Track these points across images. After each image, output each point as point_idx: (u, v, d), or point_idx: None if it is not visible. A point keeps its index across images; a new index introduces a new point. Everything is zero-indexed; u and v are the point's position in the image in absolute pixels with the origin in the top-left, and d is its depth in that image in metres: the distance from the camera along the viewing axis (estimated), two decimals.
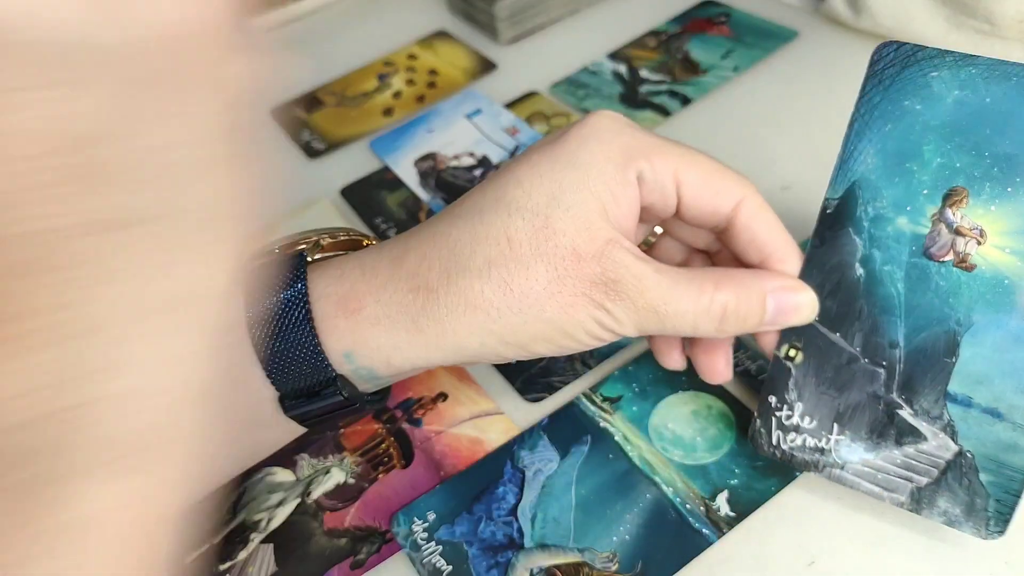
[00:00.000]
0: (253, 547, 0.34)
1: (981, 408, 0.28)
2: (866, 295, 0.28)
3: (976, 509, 0.28)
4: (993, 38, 0.48)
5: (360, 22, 0.69)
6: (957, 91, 0.26)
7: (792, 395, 0.30)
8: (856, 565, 0.30)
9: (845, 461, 0.30)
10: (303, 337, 0.28)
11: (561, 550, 0.32)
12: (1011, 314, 0.27)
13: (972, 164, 0.26)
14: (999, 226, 0.26)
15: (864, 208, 0.28)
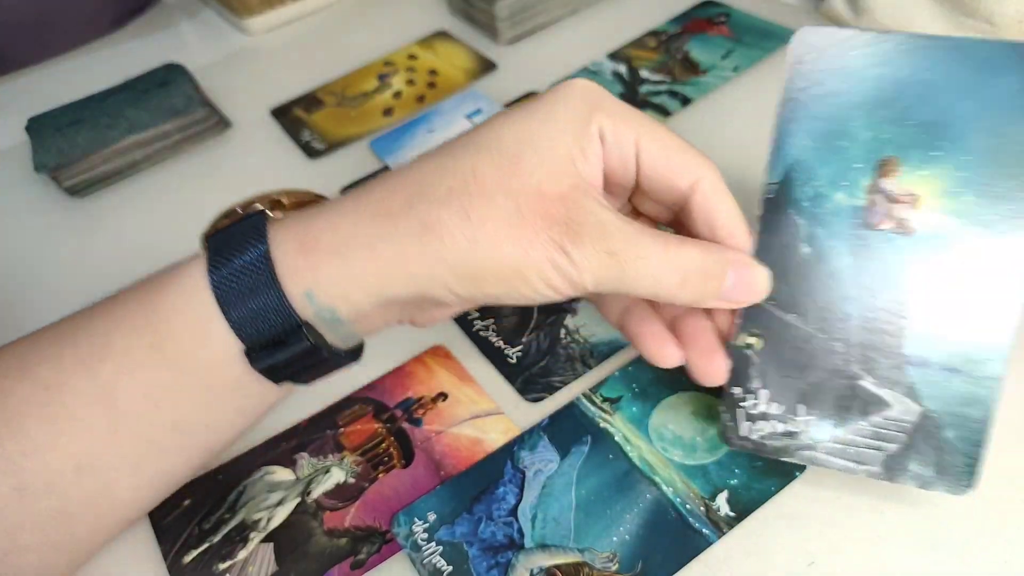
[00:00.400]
0: (253, 546, 0.34)
1: (938, 366, 0.28)
2: (815, 272, 0.29)
3: (946, 467, 0.29)
4: None
5: (360, 22, 0.69)
6: (876, 67, 0.27)
7: (756, 383, 0.30)
8: (856, 565, 0.30)
9: (816, 441, 0.30)
10: (262, 281, 0.29)
11: (561, 550, 0.32)
12: (951, 271, 0.28)
13: (898, 134, 0.27)
14: (930, 189, 0.28)
15: (802, 189, 0.29)
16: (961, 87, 0.27)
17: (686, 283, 0.28)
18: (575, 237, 0.27)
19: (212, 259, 0.29)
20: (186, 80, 0.58)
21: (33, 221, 0.54)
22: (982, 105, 0.27)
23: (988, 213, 0.27)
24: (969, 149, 0.27)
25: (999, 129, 0.27)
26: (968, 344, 0.28)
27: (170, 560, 0.34)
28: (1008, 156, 0.27)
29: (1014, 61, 0.26)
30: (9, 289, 0.49)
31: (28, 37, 0.66)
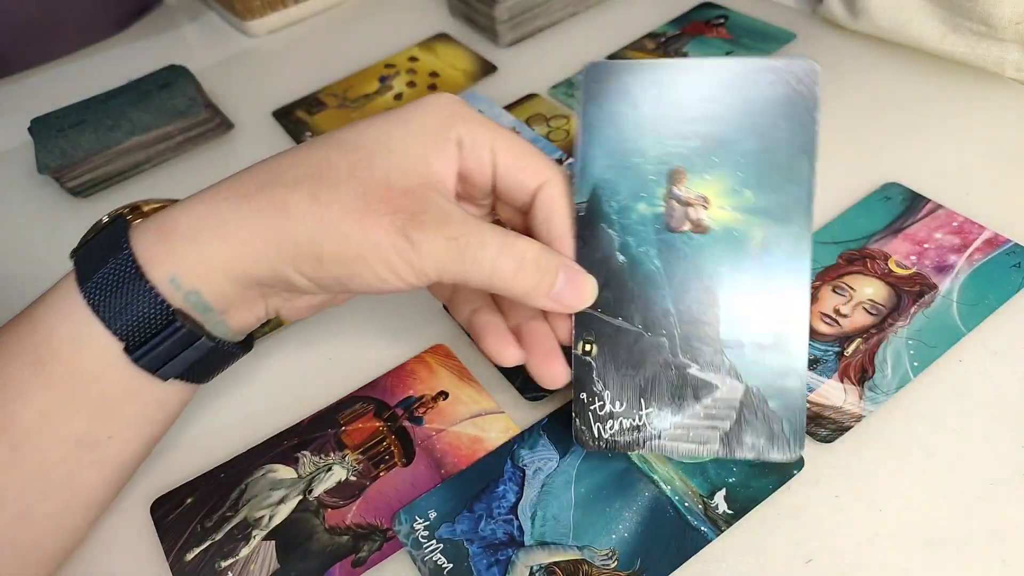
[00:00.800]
0: (255, 544, 0.34)
1: (751, 345, 0.32)
2: (632, 276, 0.32)
3: (775, 434, 0.32)
4: (989, 40, 0.48)
5: (361, 24, 0.69)
6: (652, 90, 0.31)
7: (599, 386, 0.33)
8: (853, 563, 0.31)
9: (660, 430, 0.33)
10: (127, 275, 0.29)
11: (561, 548, 0.32)
12: (747, 259, 0.31)
13: (681, 146, 0.31)
14: (716, 189, 0.31)
15: (609, 204, 0.32)
16: (727, 99, 0.31)
17: (521, 271, 0.30)
18: (417, 223, 0.29)
19: (79, 269, 0.30)
20: (189, 82, 0.59)
21: (36, 222, 0.54)
22: (746, 113, 0.31)
23: (766, 204, 0.31)
24: (741, 152, 0.31)
25: (763, 131, 0.31)
26: (772, 322, 0.32)
27: (172, 558, 0.34)
28: (773, 154, 0.31)
29: (765, 75, 0.30)
30: (12, 290, 0.49)
31: (31, 39, 0.66)
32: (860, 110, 0.50)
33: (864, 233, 0.42)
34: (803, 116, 0.30)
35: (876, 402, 0.35)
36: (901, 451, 0.33)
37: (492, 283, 0.30)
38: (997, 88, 0.50)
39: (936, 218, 0.42)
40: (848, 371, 0.36)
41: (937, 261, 0.40)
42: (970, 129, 0.47)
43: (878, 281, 0.40)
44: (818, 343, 0.38)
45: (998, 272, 0.39)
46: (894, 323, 0.38)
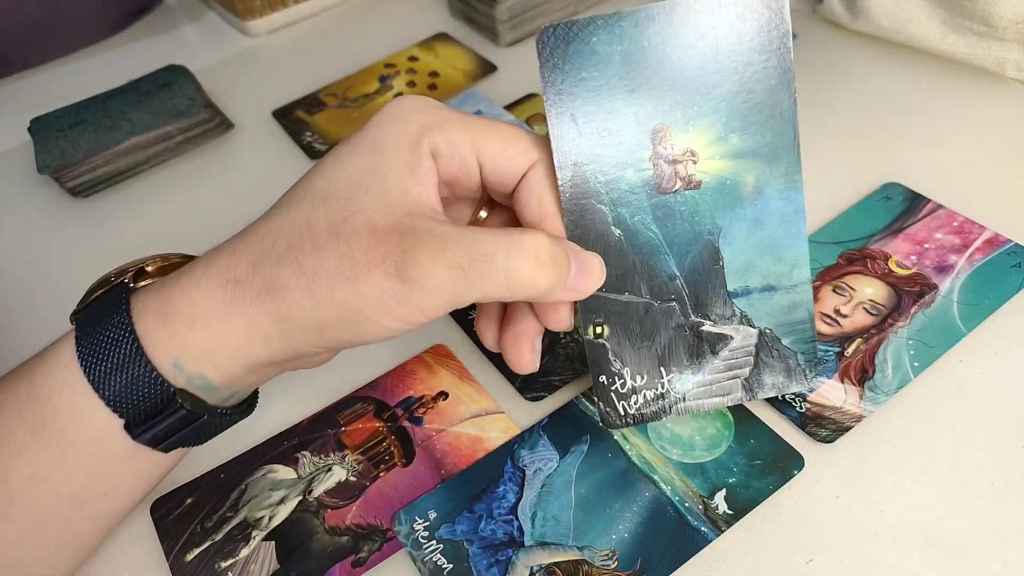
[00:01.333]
0: (255, 545, 0.34)
1: (758, 289, 0.32)
2: (632, 248, 0.31)
3: (791, 368, 0.33)
4: (990, 40, 0.48)
5: (362, 24, 0.69)
6: (618, 45, 0.29)
7: (616, 365, 0.32)
8: (854, 563, 0.31)
9: (683, 392, 0.33)
10: (129, 355, 0.29)
11: (561, 548, 0.32)
12: (743, 206, 0.31)
13: (659, 101, 0.29)
14: (702, 140, 0.30)
15: (595, 178, 0.30)
16: (695, 42, 0.29)
17: (540, 269, 0.28)
18: (411, 261, 0.27)
19: (79, 337, 0.29)
20: (188, 82, 0.59)
21: (36, 222, 0.54)
22: (717, 53, 0.29)
23: (753, 144, 0.30)
24: (720, 96, 0.30)
25: (738, 70, 0.29)
26: (775, 262, 0.32)
27: (172, 558, 0.34)
28: (752, 92, 0.30)
29: (734, 7, 0.29)
30: (11, 290, 0.49)
31: (31, 39, 0.66)
32: (860, 110, 0.50)
33: (864, 233, 0.42)
34: (776, 45, 0.29)
35: (876, 402, 0.35)
36: (901, 451, 0.33)
37: (511, 292, 0.28)
38: (998, 88, 0.50)
39: (936, 218, 0.42)
40: (848, 371, 0.36)
41: (937, 261, 0.40)
42: (971, 129, 0.47)
43: (878, 281, 0.40)
44: (818, 343, 0.38)
45: (998, 272, 0.39)
46: (894, 323, 0.38)
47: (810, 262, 0.32)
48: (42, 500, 0.30)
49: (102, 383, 0.29)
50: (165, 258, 0.34)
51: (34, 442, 0.29)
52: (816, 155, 0.48)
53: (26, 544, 0.30)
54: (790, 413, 0.35)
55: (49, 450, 0.29)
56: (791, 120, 0.30)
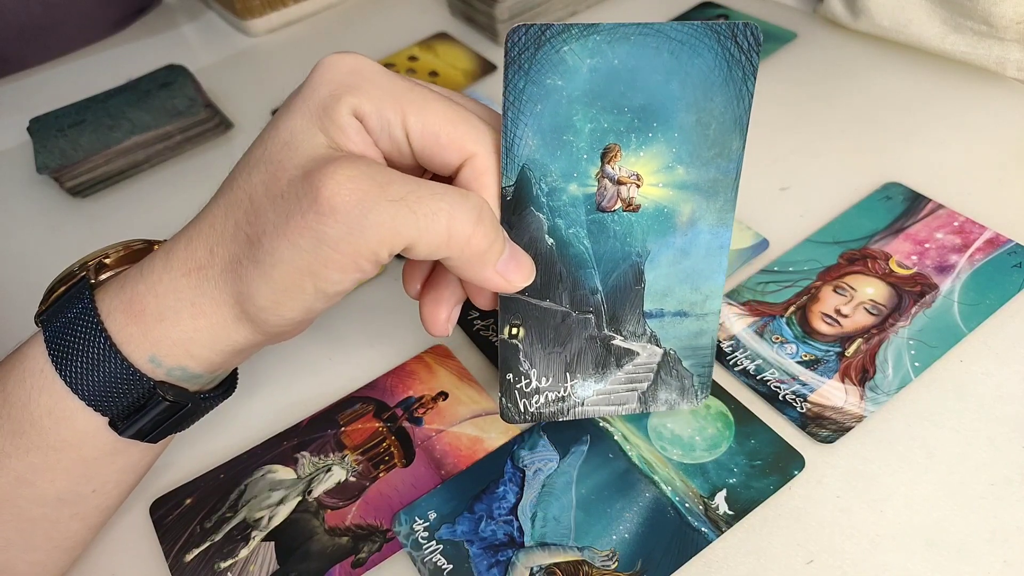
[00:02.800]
0: (254, 545, 0.34)
1: (671, 314, 0.33)
2: (561, 259, 0.31)
3: (686, 388, 0.35)
4: (991, 39, 0.48)
5: (361, 24, 0.69)
6: (588, 59, 0.28)
7: (525, 365, 0.33)
8: (854, 564, 0.31)
9: (583, 398, 0.34)
10: (106, 358, 0.28)
11: (561, 549, 0.32)
12: (675, 234, 0.32)
13: (616, 121, 0.29)
14: (650, 167, 0.30)
15: (538, 185, 0.30)
16: (665, 70, 0.29)
17: (480, 224, 0.27)
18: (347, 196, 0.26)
19: (48, 340, 0.29)
20: (188, 81, 0.59)
21: (35, 222, 0.54)
22: (683, 84, 0.29)
23: (696, 179, 0.31)
24: (676, 127, 0.29)
25: (699, 104, 0.29)
26: (692, 291, 0.33)
27: (172, 558, 0.34)
28: (707, 128, 0.30)
29: (706, 40, 0.28)
30: (10, 290, 0.49)
31: (31, 38, 0.66)
32: (861, 110, 0.50)
33: (865, 233, 0.42)
34: (739, 87, 0.29)
35: (877, 402, 0.35)
36: (902, 452, 0.33)
37: (449, 242, 0.26)
38: (998, 88, 0.50)
39: (937, 218, 0.42)
40: (849, 371, 0.36)
41: (938, 261, 0.40)
42: (971, 129, 0.47)
43: (879, 281, 0.40)
44: (819, 343, 0.38)
45: (999, 272, 0.39)
46: (895, 323, 0.38)
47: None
48: (27, 504, 0.29)
49: (79, 384, 0.28)
50: (127, 245, 0.33)
51: (14, 448, 0.29)
52: (816, 155, 0.48)
53: (15, 548, 0.30)
54: (791, 413, 0.35)
55: (31, 455, 0.29)
56: (737, 162, 0.31)
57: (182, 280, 0.28)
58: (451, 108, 0.28)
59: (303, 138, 0.27)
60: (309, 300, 0.27)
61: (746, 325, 0.39)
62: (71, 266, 0.32)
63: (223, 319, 0.28)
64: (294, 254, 0.26)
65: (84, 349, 0.28)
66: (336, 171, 0.25)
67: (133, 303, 0.29)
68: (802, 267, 0.41)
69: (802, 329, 0.38)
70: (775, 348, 0.38)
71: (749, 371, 0.37)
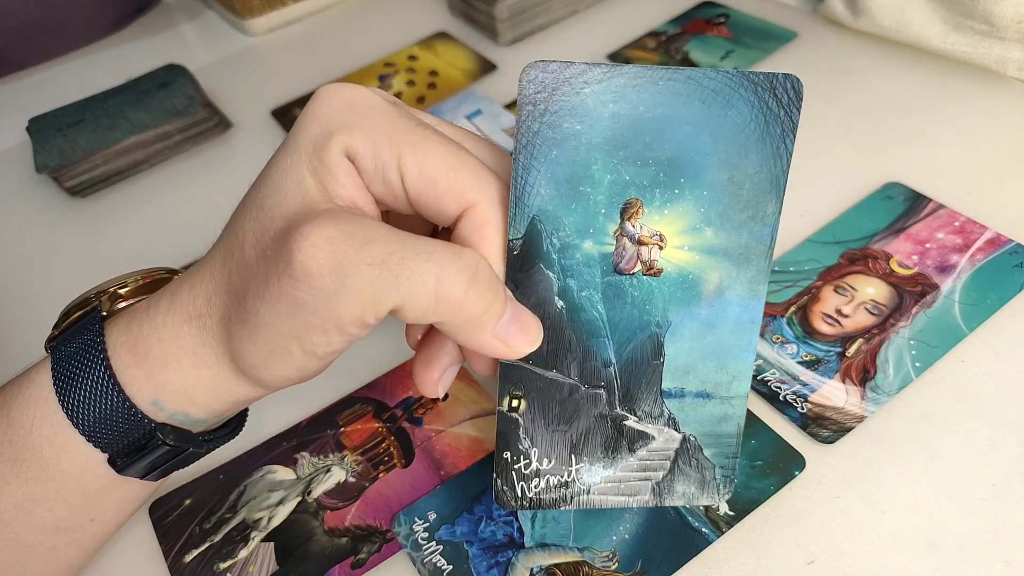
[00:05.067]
0: (254, 546, 0.34)
1: (693, 394, 0.30)
2: (571, 325, 0.28)
3: (706, 481, 0.31)
4: (991, 39, 0.48)
5: (361, 23, 0.69)
6: (611, 104, 0.26)
7: (525, 443, 0.30)
8: (855, 564, 0.30)
9: (589, 485, 0.31)
10: (108, 395, 0.27)
11: (561, 549, 0.32)
12: (700, 305, 0.28)
13: (639, 174, 0.26)
14: (675, 227, 0.27)
15: (550, 241, 0.27)
16: (695, 121, 0.26)
17: (474, 285, 0.24)
18: None
19: (55, 368, 0.28)
20: (187, 81, 0.59)
21: (34, 222, 0.54)
22: (715, 138, 0.26)
23: (726, 244, 0.28)
24: (706, 184, 0.27)
25: (731, 161, 0.27)
26: (718, 370, 0.29)
27: (171, 559, 0.34)
28: (740, 188, 0.27)
29: (742, 92, 0.26)
30: (9, 290, 0.49)
31: (30, 38, 0.66)
32: (861, 110, 0.50)
33: (866, 233, 0.42)
34: (776, 144, 0.27)
35: (878, 403, 0.35)
36: (903, 452, 0.33)
37: (437, 306, 0.24)
38: (999, 87, 0.49)
39: (938, 218, 0.42)
40: (850, 371, 0.36)
41: (939, 261, 0.40)
42: (972, 129, 0.47)
43: (880, 281, 0.40)
44: (819, 343, 0.37)
45: (1000, 272, 0.39)
46: (896, 323, 0.38)
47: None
48: (25, 531, 0.29)
49: (79, 417, 0.27)
50: (149, 274, 0.32)
51: (14, 475, 0.28)
52: (817, 155, 0.48)
53: (10, 573, 0.30)
54: (791, 414, 0.35)
55: (30, 484, 0.28)
56: (771, 227, 0.28)
57: (184, 327, 0.27)
58: (453, 152, 0.26)
59: (292, 181, 0.25)
60: (299, 361, 0.26)
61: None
62: (88, 292, 0.31)
63: (223, 372, 0.27)
64: (275, 317, 0.24)
65: (86, 381, 0.27)
66: (312, 232, 0.23)
67: (138, 344, 0.28)
68: (803, 267, 0.41)
69: (803, 329, 0.38)
70: (776, 348, 0.38)
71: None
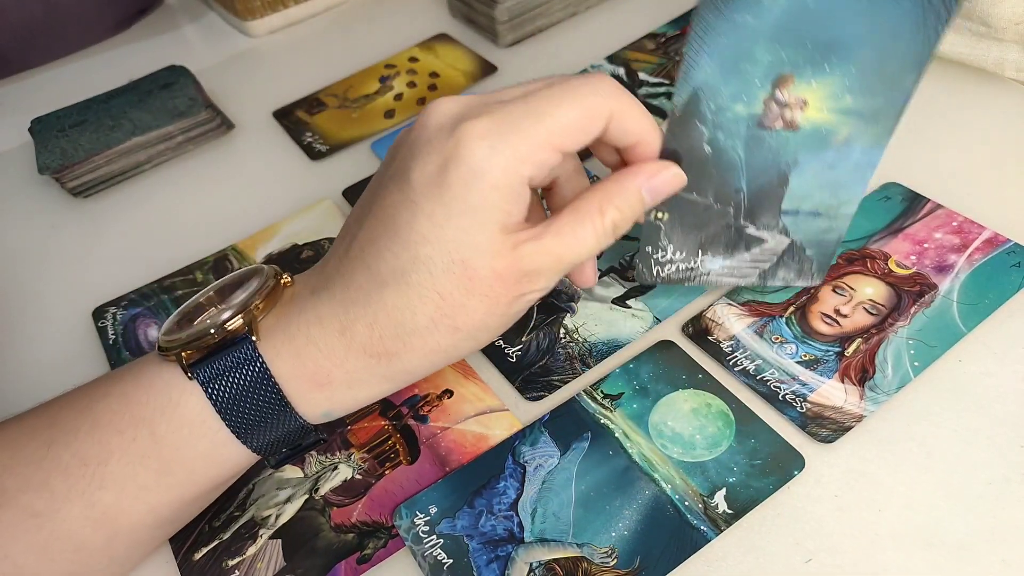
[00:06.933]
0: (261, 543, 0.34)
1: (806, 213, 0.35)
2: (714, 163, 0.33)
3: (803, 271, 0.38)
4: (989, 40, 0.48)
5: (362, 25, 0.69)
6: (784, 0, 0.29)
7: (664, 242, 0.36)
8: (853, 563, 0.31)
9: (709, 270, 0.38)
10: (283, 418, 0.31)
11: (560, 545, 0.33)
12: (827, 151, 0.33)
13: (796, 54, 0.30)
14: (819, 95, 0.31)
15: (707, 104, 0.31)
16: (859, 11, 0.29)
17: (618, 232, 0.32)
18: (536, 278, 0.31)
19: (217, 398, 0.30)
20: (189, 82, 0.59)
21: (36, 222, 0.54)
22: (873, 27, 0.29)
23: (862, 107, 0.32)
24: (855, 61, 0.30)
25: (884, 45, 0.30)
26: (831, 197, 0.35)
27: (180, 557, 0.34)
28: (885, 65, 0.30)
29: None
30: (11, 290, 0.49)
31: (32, 39, 0.66)
32: None
33: (864, 233, 0.42)
34: (928, 33, 0.29)
35: (877, 402, 0.35)
36: (901, 451, 0.34)
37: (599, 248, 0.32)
38: (997, 88, 0.50)
39: (936, 218, 0.42)
40: (849, 371, 0.36)
41: (937, 261, 0.40)
42: (970, 129, 0.48)
43: (878, 281, 0.40)
44: (818, 343, 0.38)
45: (998, 272, 0.39)
46: (894, 323, 0.38)
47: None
48: (146, 533, 0.32)
49: (252, 438, 0.31)
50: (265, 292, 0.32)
51: (158, 486, 0.30)
52: None
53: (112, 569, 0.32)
54: (791, 413, 0.35)
55: (172, 493, 0.31)
56: (906, 96, 0.31)
57: (371, 360, 0.31)
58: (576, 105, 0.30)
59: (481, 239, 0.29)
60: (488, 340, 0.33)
61: (746, 325, 0.39)
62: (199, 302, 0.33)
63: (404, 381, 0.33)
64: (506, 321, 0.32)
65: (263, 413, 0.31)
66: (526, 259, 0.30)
67: (318, 376, 0.31)
68: None
69: (801, 329, 0.39)
70: (775, 348, 0.38)
71: (749, 371, 0.37)
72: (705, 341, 0.39)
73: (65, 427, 0.30)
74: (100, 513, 0.30)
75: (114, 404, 0.31)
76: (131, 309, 0.46)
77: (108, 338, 0.44)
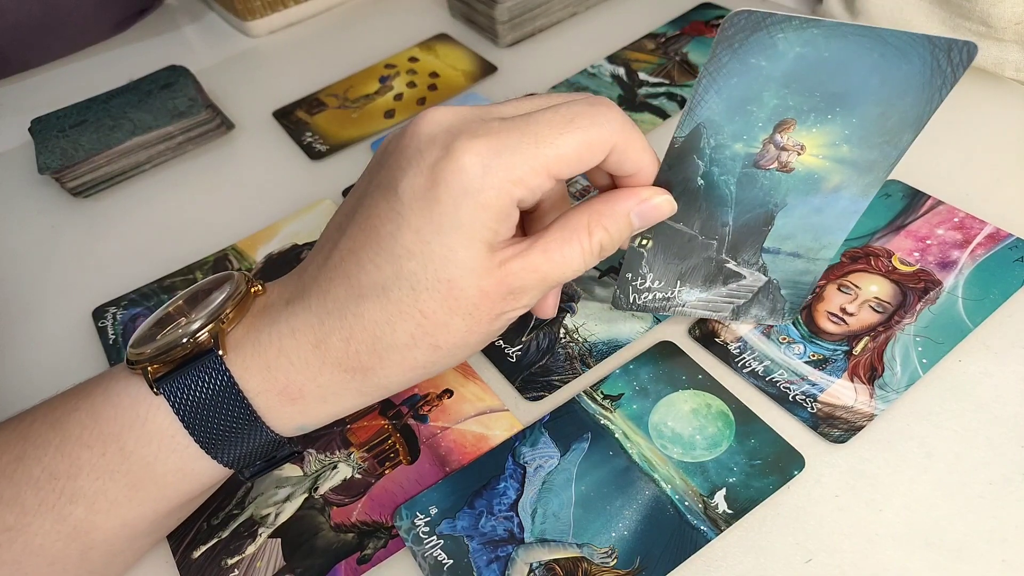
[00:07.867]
0: (261, 542, 0.34)
1: (786, 253, 0.36)
2: (705, 196, 0.33)
3: (776, 310, 0.38)
4: (989, 40, 0.48)
5: (362, 25, 0.69)
6: (799, 48, 0.29)
7: (644, 269, 0.36)
8: (853, 563, 0.31)
9: (685, 301, 0.38)
10: (253, 433, 0.30)
11: (560, 545, 0.32)
12: (816, 195, 0.33)
13: (803, 101, 0.30)
14: (817, 141, 0.31)
15: (707, 140, 0.31)
16: (870, 68, 0.29)
17: (604, 254, 0.31)
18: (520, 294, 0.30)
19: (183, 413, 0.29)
20: (189, 82, 0.59)
21: (36, 222, 0.54)
22: (882, 83, 0.30)
23: (857, 158, 0.32)
24: (858, 114, 0.31)
25: (889, 100, 0.30)
26: (813, 240, 0.35)
27: (179, 555, 0.34)
28: (887, 120, 0.31)
29: (920, 49, 0.29)
30: (12, 290, 0.49)
31: (32, 39, 0.66)
32: None
33: (866, 231, 0.42)
34: (933, 93, 0.30)
35: (887, 400, 0.35)
36: (903, 451, 0.34)
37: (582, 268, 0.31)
38: (996, 88, 0.50)
39: (937, 214, 0.42)
40: (858, 370, 0.36)
41: (940, 257, 0.40)
42: (969, 129, 0.48)
43: (883, 279, 0.40)
44: (826, 342, 0.38)
45: (1001, 267, 0.39)
46: (901, 320, 0.38)
47: None
48: (123, 545, 0.31)
49: (222, 453, 0.30)
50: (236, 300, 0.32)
51: (128, 500, 0.30)
52: None
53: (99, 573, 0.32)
54: (802, 414, 0.35)
55: (144, 506, 0.30)
56: (900, 152, 0.32)
57: (346, 375, 0.30)
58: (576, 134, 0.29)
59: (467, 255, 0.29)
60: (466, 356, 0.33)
61: (753, 326, 0.39)
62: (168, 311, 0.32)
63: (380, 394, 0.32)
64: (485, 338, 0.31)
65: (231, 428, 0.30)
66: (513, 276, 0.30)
67: (290, 390, 0.30)
68: None
69: (808, 329, 0.39)
70: (783, 349, 0.38)
71: (758, 372, 0.37)
72: (712, 343, 0.39)
73: (36, 441, 0.30)
74: (71, 527, 0.29)
75: (83, 419, 0.30)
76: (131, 309, 0.46)
77: (108, 338, 0.44)
